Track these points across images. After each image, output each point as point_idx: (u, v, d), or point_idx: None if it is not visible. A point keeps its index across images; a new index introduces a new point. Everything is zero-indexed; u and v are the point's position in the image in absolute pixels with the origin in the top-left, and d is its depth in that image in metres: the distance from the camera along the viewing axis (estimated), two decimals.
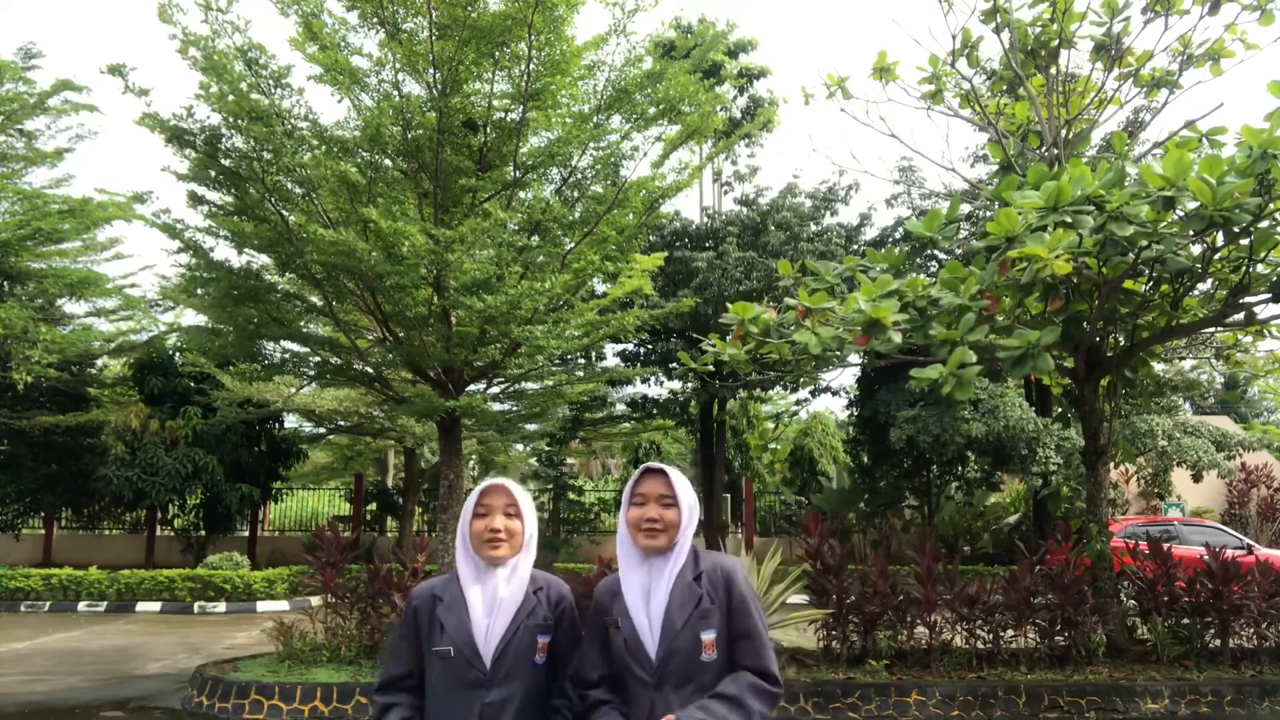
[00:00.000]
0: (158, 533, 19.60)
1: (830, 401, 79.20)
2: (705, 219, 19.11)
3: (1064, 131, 9.08)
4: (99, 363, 19.92)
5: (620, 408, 20.95)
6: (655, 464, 2.44)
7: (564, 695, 2.41)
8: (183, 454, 16.64)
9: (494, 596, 2.38)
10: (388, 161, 9.65)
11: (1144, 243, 6.07)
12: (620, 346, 18.60)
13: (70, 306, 18.37)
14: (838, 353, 7.26)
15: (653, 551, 2.38)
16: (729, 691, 2.26)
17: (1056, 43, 9.10)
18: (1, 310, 14.09)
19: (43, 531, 20.36)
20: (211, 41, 8.50)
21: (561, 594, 2.49)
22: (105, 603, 14.67)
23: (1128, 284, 7.42)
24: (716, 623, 2.32)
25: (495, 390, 12.52)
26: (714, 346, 7.47)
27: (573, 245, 9.92)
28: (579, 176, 9.90)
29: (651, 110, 9.59)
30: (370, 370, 11.08)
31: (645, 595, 2.36)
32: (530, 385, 13.72)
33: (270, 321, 10.06)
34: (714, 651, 2.30)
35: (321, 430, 19.57)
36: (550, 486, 21.85)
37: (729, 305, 7.34)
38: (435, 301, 9.28)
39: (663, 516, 2.35)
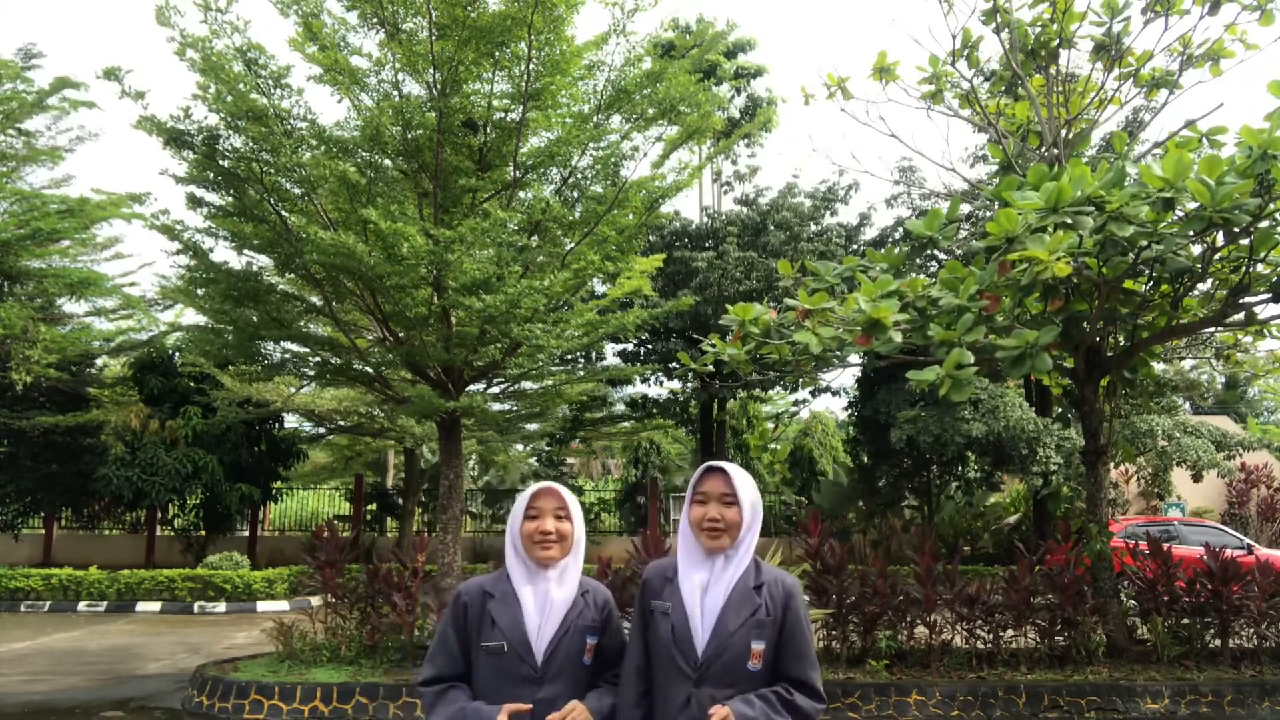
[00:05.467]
0: (158, 533, 19.59)
1: (830, 401, 79.33)
2: (705, 219, 19.11)
3: (1064, 131, 9.07)
4: (99, 363, 19.91)
5: (620, 408, 20.96)
6: (716, 463, 2.45)
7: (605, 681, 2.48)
8: (183, 454, 16.64)
9: (545, 597, 2.43)
10: (387, 161, 9.64)
11: (1144, 243, 6.07)
12: (620, 346, 18.61)
13: (70, 306, 18.36)
14: (838, 353, 7.26)
15: (716, 552, 2.39)
16: (774, 695, 2.29)
17: (1056, 43, 9.10)
18: (1, 310, 14.08)
19: (43, 531, 20.35)
20: (209, 42, 8.49)
21: (606, 598, 2.55)
22: (105, 603, 14.67)
23: (1128, 284, 7.42)
24: (769, 636, 2.33)
25: (495, 390, 12.51)
26: (714, 346, 7.48)
27: (573, 245, 9.91)
28: (579, 176, 9.89)
29: (651, 110, 9.58)
30: (370, 370, 11.07)
31: (702, 591, 2.37)
32: (530, 385, 13.70)
33: (270, 322, 10.05)
34: (760, 662, 2.31)
35: (321, 430, 19.57)
36: None
37: (729, 305, 7.35)
38: (435, 301, 9.27)
39: (724, 515, 2.36)
